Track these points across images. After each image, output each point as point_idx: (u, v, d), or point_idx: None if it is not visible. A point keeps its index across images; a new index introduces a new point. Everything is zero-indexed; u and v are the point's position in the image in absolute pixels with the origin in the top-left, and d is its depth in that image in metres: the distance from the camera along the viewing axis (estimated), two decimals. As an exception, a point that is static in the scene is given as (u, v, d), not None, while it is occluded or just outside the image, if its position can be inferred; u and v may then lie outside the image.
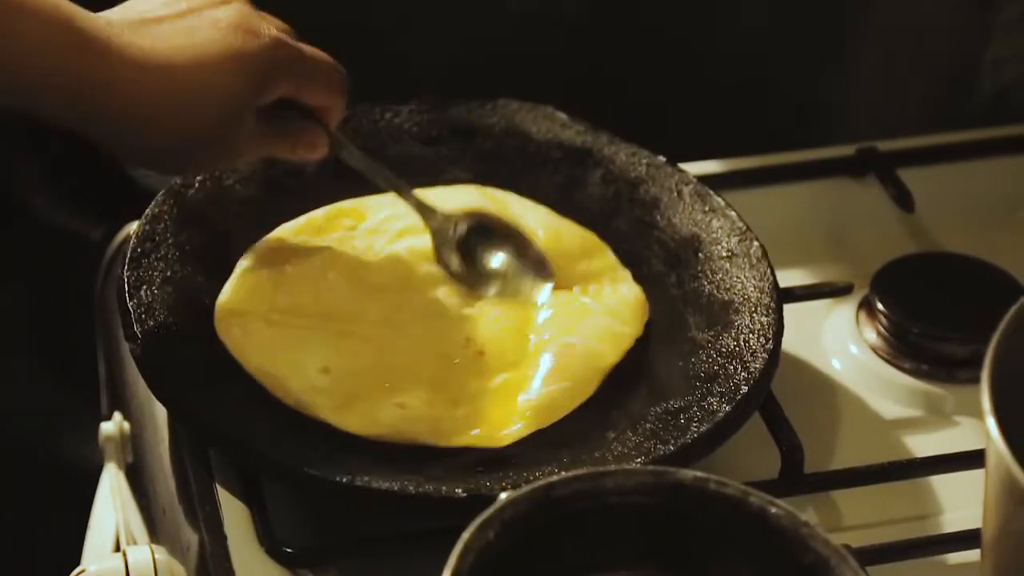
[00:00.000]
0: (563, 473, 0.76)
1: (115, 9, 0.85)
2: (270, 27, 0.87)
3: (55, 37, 0.80)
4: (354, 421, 0.89)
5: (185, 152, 0.85)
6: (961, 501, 0.92)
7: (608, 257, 0.99)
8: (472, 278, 0.94)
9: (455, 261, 0.94)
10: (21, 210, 1.21)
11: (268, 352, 0.90)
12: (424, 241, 0.96)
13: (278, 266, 0.95)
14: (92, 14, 0.82)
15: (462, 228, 0.95)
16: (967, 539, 0.88)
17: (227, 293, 0.93)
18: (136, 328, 0.90)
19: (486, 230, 0.95)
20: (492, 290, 0.94)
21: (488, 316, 0.94)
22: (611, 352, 0.94)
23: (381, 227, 0.98)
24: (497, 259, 0.94)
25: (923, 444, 0.96)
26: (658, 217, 1.01)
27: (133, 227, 0.96)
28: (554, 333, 0.94)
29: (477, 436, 0.89)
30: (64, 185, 0.92)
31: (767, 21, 1.24)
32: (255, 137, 0.87)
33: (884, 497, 0.92)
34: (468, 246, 0.94)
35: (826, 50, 1.26)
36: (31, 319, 1.28)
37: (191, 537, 0.87)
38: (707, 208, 1.01)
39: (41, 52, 0.80)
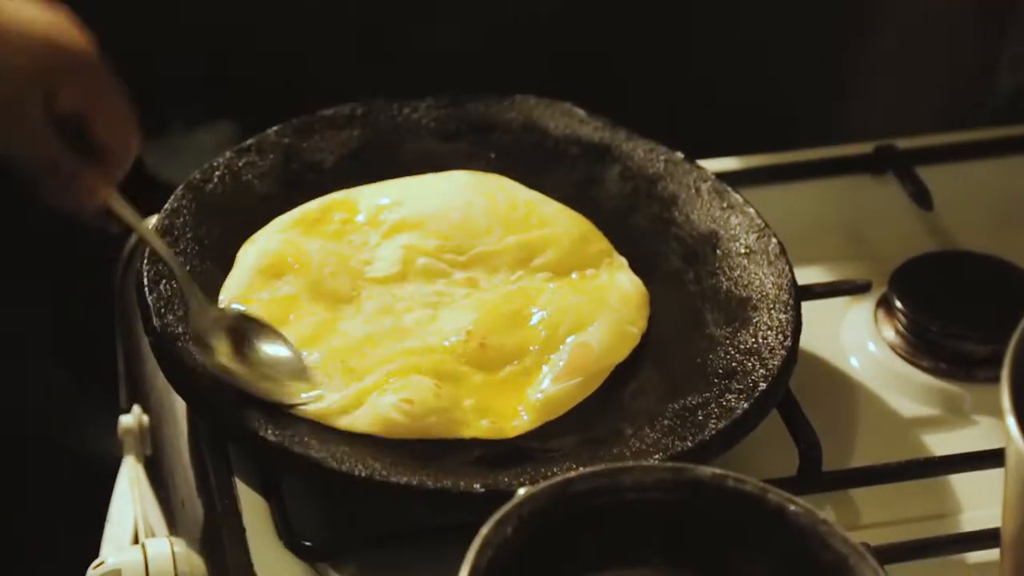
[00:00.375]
0: (581, 469, 0.76)
1: None
2: (83, 38, 0.86)
3: None
4: (362, 422, 0.89)
5: None
6: (980, 500, 0.92)
7: (602, 243, 0.99)
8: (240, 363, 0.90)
9: (222, 347, 0.90)
10: (40, 206, 1.21)
11: None
12: (419, 235, 0.96)
13: (276, 259, 0.94)
14: None
15: (229, 319, 0.91)
16: (986, 538, 0.87)
17: (227, 287, 0.93)
18: (155, 322, 0.90)
19: (250, 325, 0.91)
20: (261, 378, 0.90)
21: (487, 307, 0.94)
22: (618, 349, 0.94)
23: (374, 219, 0.98)
24: (265, 349, 0.90)
25: (942, 443, 0.96)
26: (676, 214, 1.01)
27: (152, 221, 0.96)
28: (557, 325, 0.94)
29: (487, 428, 0.89)
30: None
31: (786, 17, 1.24)
32: (40, 135, 0.85)
33: (903, 495, 0.92)
34: (237, 334, 0.91)
35: (844, 47, 1.26)
36: (50, 313, 1.28)
37: (210, 530, 0.88)
38: (725, 205, 1.00)
39: None
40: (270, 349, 0.90)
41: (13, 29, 0.84)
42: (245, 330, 0.91)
